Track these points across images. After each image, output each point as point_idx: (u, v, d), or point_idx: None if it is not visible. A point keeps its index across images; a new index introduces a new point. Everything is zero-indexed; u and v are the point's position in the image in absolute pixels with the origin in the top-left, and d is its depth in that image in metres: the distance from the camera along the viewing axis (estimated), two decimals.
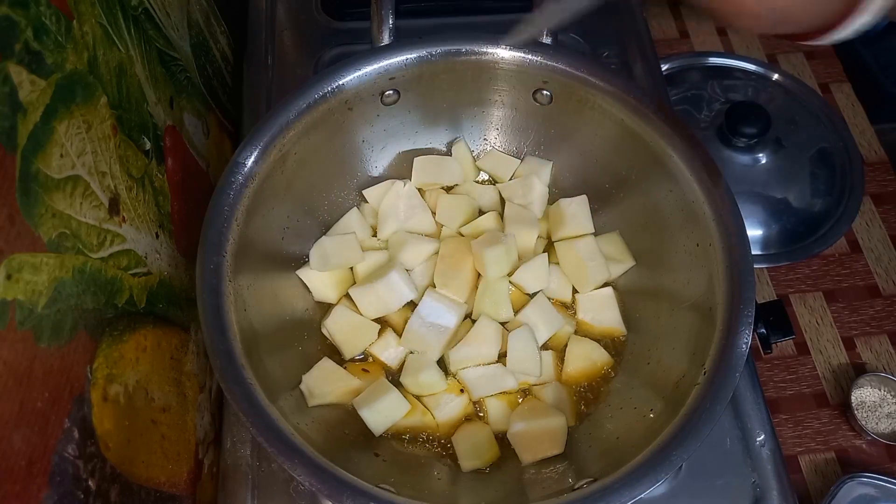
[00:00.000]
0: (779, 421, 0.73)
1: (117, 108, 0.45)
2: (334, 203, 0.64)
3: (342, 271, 0.61)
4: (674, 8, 1.01)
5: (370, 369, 0.58)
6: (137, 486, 0.43)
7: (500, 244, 0.57)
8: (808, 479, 0.70)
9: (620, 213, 0.63)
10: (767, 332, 0.62)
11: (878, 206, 0.86)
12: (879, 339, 0.78)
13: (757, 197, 0.80)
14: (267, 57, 0.76)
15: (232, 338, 0.46)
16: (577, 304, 0.61)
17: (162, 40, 0.56)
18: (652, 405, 0.50)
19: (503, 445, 0.55)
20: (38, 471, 0.33)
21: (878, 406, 0.72)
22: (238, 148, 0.51)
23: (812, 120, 0.86)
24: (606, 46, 0.78)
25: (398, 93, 0.59)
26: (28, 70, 0.34)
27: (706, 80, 0.89)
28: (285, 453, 0.42)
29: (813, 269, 0.82)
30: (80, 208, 0.38)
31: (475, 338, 0.57)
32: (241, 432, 0.57)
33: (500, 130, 0.67)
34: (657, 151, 0.55)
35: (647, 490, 0.42)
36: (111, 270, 0.42)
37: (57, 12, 0.38)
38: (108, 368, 0.40)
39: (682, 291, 0.55)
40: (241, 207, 0.50)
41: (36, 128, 0.34)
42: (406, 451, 0.55)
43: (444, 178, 0.65)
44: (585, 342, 0.59)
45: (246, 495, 0.55)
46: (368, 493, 0.42)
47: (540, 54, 0.57)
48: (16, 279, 0.32)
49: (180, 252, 0.54)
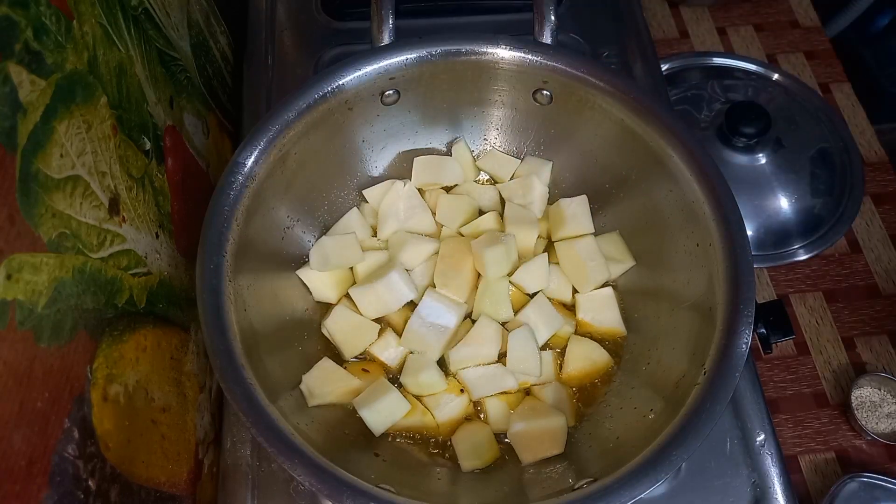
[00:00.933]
0: (779, 421, 0.73)
1: (117, 108, 0.45)
2: (334, 203, 0.64)
3: (342, 271, 0.61)
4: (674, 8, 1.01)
5: (370, 369, 0.58)
6: (137, 486, 0.43)
7: (500, 244, 0.57)
8: (808, 479, 0.71)
9: (620, 213, 0.63)
10: (767, 332, 0.62)
11: (878, 206, 0.86)
12: (879, 339, 0.78)
13: (757, 197, 0.80)
14: (267, 57, 0.76)
15: (232, 338, 0.46)
16: (577, 304, 0.61)
17: (162, 40, 0.56)
18: (652, 405, 0.50)
19: (503, 445, 0.55)
20: (38, 471, 0.33)
21: (878, 406, 0.72)
22: (238, 148, 0.51)
23: (812, 120, 0.86)
24: (606, 46, 0.78)
25: (398, 93, 0.59)
26: (28, 70, 0.34)
27: (706, 80, 0.89)
28: (285, 453, 0.42)
29: (813, 269, 0.82)
30: (80, 208, 0.38)
31: (475, 338, 0.57)
32: (241, 432, 0.57)
33: (500, 130, 0.67)
34: (657, 151, 0.55)
35: (647, 490, 0.42)
36: (111, 270, 0.42)
37: (57, 12, 0.38)
38: (108, 368, 0.40)
39: (682, 291, 0.55)
40: (241, 207, 0.50)
41: (36, 128, 0.34)
42: (406, 451, 0.55)
43: (444, 178, 0.65)
44: (585, 342, 0.59)
45: (246, 495, 0.55)
46: (368, 493, 0.42)
47: (540, 54, 0.57)
48: (16, 279, 0.32)
49: (180, 252, 0.54)
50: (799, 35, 0.99)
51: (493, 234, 0.60)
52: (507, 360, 0.57)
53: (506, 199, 0.65)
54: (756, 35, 0.99)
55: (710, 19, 1.00)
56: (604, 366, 0.58)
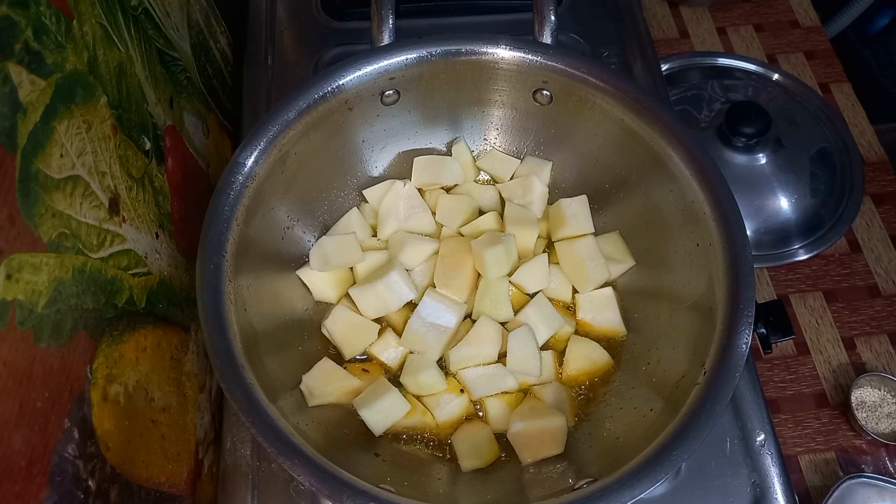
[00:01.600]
0: (779, 421, 0.73)
1: (117, 108, 0.45)
2: (334, 203, 0.64)
3: (342, 271, 0.61)
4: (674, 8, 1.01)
5: (370, 369, 0.58)
6: (137, 486, 0.43)
7: (500, 244, 0.57)
8: (808, 479, 0.71)
9: (620, 213, 0.63)
10: (767, 332, 0.62)
11: (878, 206, 0.86)
12: (879, 339, 0.78)
13: (757, 197, 0.80)
14: (267, 57, 0.76)
15: (232, 338, 0.46)
16: (577, 304, 0.61)
17: (162, 40, 0.56)
18: (652, 405, 0.50)
19: (503, 445, 0.55)
20: (38, 471, 0.33)
21: (878, 406, 0.72)
22: (238, 148, 0.51)
23: (812, 120, 0.86)
24: (606, 46, 0.78)
25: (398, 93, 0.59)
26: (28, 70, 0.34)
27: (706, 80, 0.89)
28: (285, 453, 0.42)
29: (813, 269, 0.82)
30: (80, 208, 0.38)
31: (475, 338, 0.57)
32: (241, 432, 0.57)
33: (500, 130, 0.67)
34: (657, 151, 0.55)
35: (647, 490, 0.42)
36: (111, 270, 0.42)
37: (57, 12, 0.38)
38: (108, 368, 0.40)
39: (682, 291, 0.55)
40: (241, 207, 0.50)
41: (36, 128, 0.34)
42: (406, 451, 0.55)
43: (444, 178, 0.65)
44: (585, 342, 0.59)
45: (246, 495, 0.55)
46: (368, 493, 0.42)
47: (540, 54, 0.57)
48: (16, 279, 0.32)
49: (180, 252, 0.54)
50: (799, 35, 0.99)
51: (493, 234, 0.60)
52: (507, 360, 0.57)
53: (506, 199, 0.65)
54: (756, 35, 0.99)
55: (710, 19, 1.00)
56: (604, 366, 0.58)
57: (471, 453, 0.54)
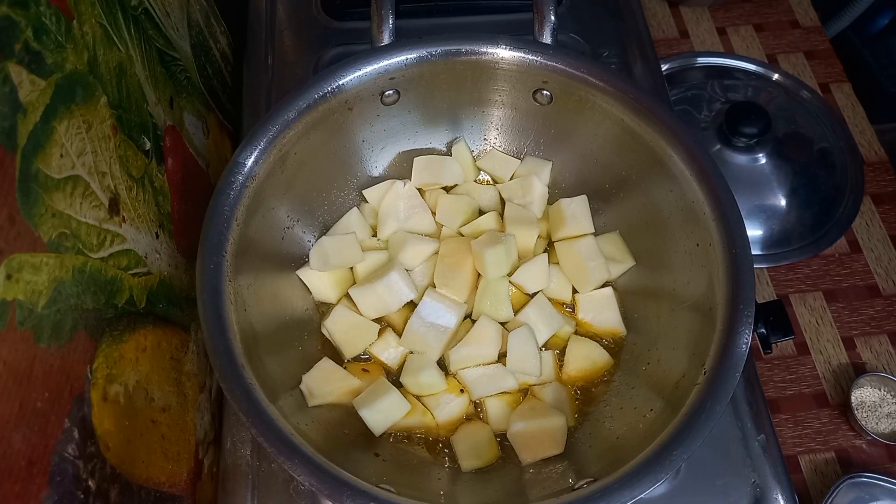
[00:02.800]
0: (779, 421, 0.73)
1: (117, 108, 0.45)
2: (334, 203, 0.64)
3: (342, 271, 0.61)
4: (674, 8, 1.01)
5: (370, 369, 0.58)
6: (137, 486, 0.43)
7: (500, 244, 0.57)
8: (808, 479, 0.71)
9: (620, 213, 0.63)
10: (767, 332, 0.62)
11: (878, 206, 0.86)
12: (879, 339, 0.78)
13: (757, 197, 0.80)
14: (267, 57, 0.76)
15: (232, 338, 0.46)
16: (577, 304, 0.61)
17: (162, 40, 0.56)
18: (652, 405, 0.50)
19: (503, 445, 0.55)
20: (38, 471, 0.33)
21: (878, 406, 0.72)
22: (238, 148, 0.51)
23: (812, 120, 0.86)
24: (606, 46, 0.78)
25: (398, 93, 0.59)
26: (28, 70, 0.34)
27: (706, 80, 0.89)
28: (285, 453, 0.42)
29: (813, 269, 0.82)
30: (80, 208, 0.38)
31: (475, 338, 0.57)
32: (241, 432, 0.57)
33: (500, 130, 0.67)
34: (657, 151, 0.55)
35: (647, 490, 0.42)
36: (111, 270, 0.42)
37: (57, 12, 0.38)
38: (108, 368, 0.40)
39: (682, 291, 0.55)
40: (241, 207, 0.50)
41: (36, 128, 0.34)
42: (406, 451, 0.55)
43: (444, 178, 0.65)
44: (585, 342, 0.59)
45: (246, 495, 0.55)
46: (368, 493, 0.42)
47: (540, 54, 0.57)
48: (16, 279, 0.32)
49: (180, 252, 0.54)
50: (799, 35, 0.99)
51: (493, 234, 0.60)
52: (507, 360, 0.57)
53: (506, 199, 0.65)
54: (756, 35, 0.99)
55: (710, 19, 1.00)
56: (604, 366, 0.58)
57: (471, 453, 0.54)
